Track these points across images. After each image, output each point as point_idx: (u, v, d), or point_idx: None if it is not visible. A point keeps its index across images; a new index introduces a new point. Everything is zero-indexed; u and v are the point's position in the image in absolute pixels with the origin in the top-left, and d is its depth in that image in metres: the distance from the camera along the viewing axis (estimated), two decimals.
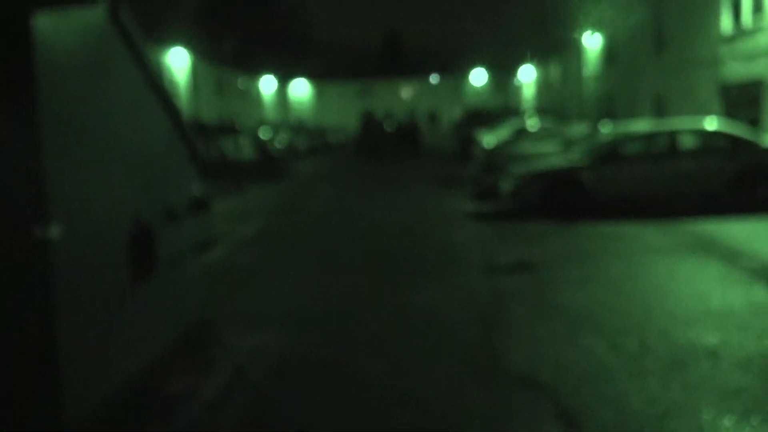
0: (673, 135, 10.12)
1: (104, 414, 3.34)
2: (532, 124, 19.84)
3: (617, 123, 16.24)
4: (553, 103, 37.25)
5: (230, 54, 39.87)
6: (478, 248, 7.85)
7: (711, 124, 10.47)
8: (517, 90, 49.43)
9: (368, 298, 5.80)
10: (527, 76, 46.37)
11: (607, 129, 14.35)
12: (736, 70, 14.85)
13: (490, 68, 52.67)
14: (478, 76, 54.44)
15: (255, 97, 42.97)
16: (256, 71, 42.12)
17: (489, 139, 18.56)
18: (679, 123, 10.87)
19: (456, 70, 55.07)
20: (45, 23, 2.94)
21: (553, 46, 37.70)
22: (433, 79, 56.50)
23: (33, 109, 2.89)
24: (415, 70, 58.38)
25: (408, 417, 3.37)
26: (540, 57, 42.23)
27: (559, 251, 7.44)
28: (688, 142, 10.10)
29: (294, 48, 47.98)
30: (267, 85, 44.23)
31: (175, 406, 3.56)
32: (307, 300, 5.78)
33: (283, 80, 48.09)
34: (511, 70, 48.88)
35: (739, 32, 14.76)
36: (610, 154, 10.24)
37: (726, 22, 15.44)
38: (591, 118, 23.54)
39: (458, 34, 56.81)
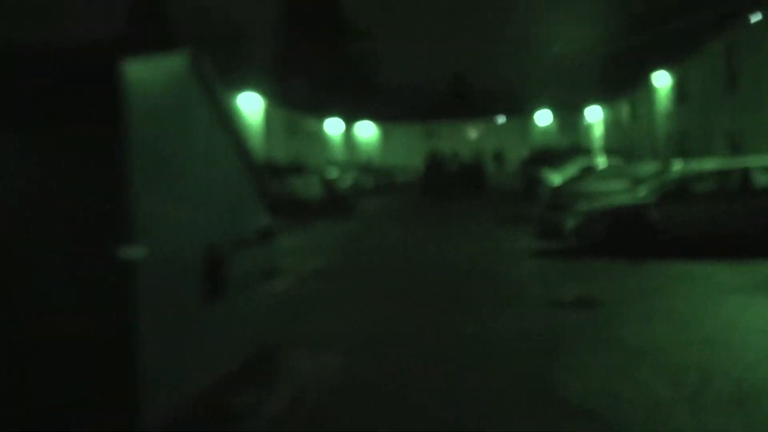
0: (745, 172, 9.75)
1: (176, 424, 3.59)
2: (599, 162, 19.52)
3: (690, 161, 15.76)
4: (622, 142, 36.43)
5: (300, 97, 41.61)
6: (540, 284, 7.80)
7: None
8: (585, 129, 48.72)
9: (429, 327, 5.90)
10: (594, 115, 45.70)
11: (677, 167, 13.96)
12: None
13: (556, 108, 52.34)
14: (544, 117, 54.13)
15: (323, 138, 44.39)
16: (325, 113, 43.64)
17: (555, 177, 18.38)
18: (752, 160, 10.46)
19: (521, 110, 55.01)
20: (134, 69, 3.35)
21: (621, 85, 37.13)
22: (499, 119, 56.54)
23: (123, 145, 3.27)
24: (481, 111, 58.66)
25: None
26: (607, 96, 41.64)
27: (623, 288, 7.29)
28: (761, 180, 9.70)
29: (361, 91, 49.56)
30: (334, 126, 45.66)
31: (240, 419, 3.78)
32: (370, 328, 5.94)
33: (350, 122, 49.51)
34: (578, 110, 48.38)
35: None
36: (678, 191, 9.97)
37: None
38: (662, 157, 22.88)
39: (523, 75, 56.92)
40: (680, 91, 26.20)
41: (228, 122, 4.43)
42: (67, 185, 3.32)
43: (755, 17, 17.30)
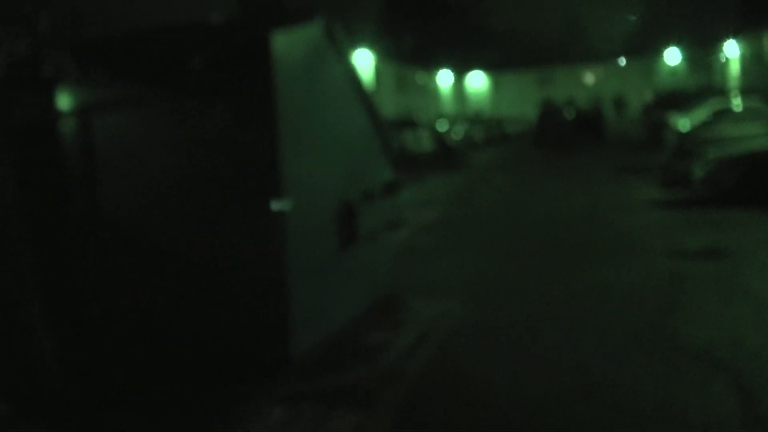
0: None
1: (318, 355, 4.13)
2: (735, 104, 17.93)
3: None
4: (765, 80, 32.84)
5: (409, 51, 41.51)
6: (663, 235, 7.61)
7: None
8: (720, 67, 44.29)
9: (543, 275, 6.08)
10: (732, 51, 41.32)
11: None
12: None
13: (686, 46, 47.89)
14: (672, 55, 49.84)
15: (433, 92, 44.19)
16: (434, 66, 43.27)
17: (683, 122, 17.23)
18: None
19: (646, 50, 50.97)
20: (280, 41, 3.77)
21: (764, 16, 33.18)
22: (620, 61, 52.89)
23: (272, 110, 3.73)
24: (599, 53, 55.13)
25: (576, 381, 3.67)
26: (747, 30, 37.42)
27: (753, 239, 6.94)
28: None
29: (471, 41, 48.35)
30: (444, 79, 45.20)
31: (373, 354, 4.26)
32: (486, 276, 6.23)
33: (460, 73, 48.71)
34: (711, 47, 43.95)
35: None
36: None
37: None
38: None
39: (648, 10, 52.38)
40: None
41: (358, 84, 4.79)
42: (226, 147, 3.86)
43: None
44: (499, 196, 12.79)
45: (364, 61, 31.15)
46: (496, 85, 55.24)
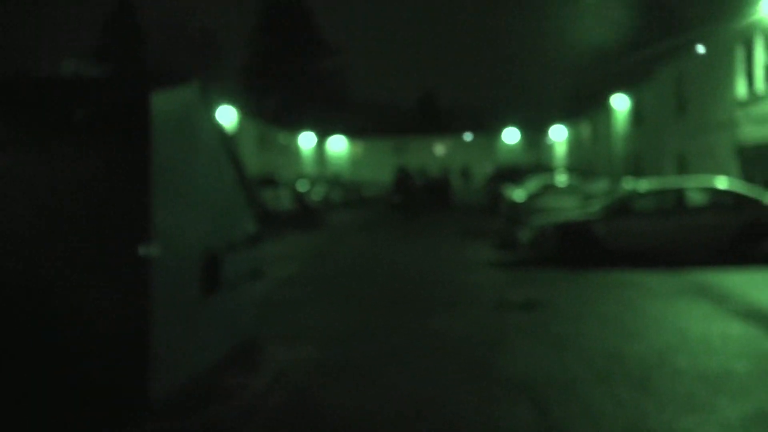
0: (681, 192, 10.90)
1: (179, 398, 4.31)
2: (559, 180, 20.70)
3: (642, 180, 16.99)
4: (584, 160, 38.05)
5: (273, 111, 42.29)
6: (492, 290, 8.70)
7: (716, 182, 11.22)
8: (549, 148, 50.51)
9: (391, 324, 6.72)
10: (558, 134, 47.49)
11: (629, 185, 15.14)
12: (751, 132, 15.56)
13: (522, 127, 54.08)
14: (511, 135, 55.83)
15: (295, 152, 45.03)
16: (297, 127, 44.35)
17: (515, 193, 19.47)
18: (688, 181, 11.64)
19: (489, 128, 56.61)
20: (158, 98, 4.13)
21: (584, 106, 38.90)
22: (467, 136, 58.03)
23: (146, 162, 4.03)
24: (449, 128, 60.15)
25: (411, 406, 4.25)
26: (571, 117, 43.45)
27: (564, 293, 8.24)
28: (696, 199, 10.85)
29: (333, 106, 50.47)
30: (306, 140, 46.38)
31: (231, 394, 4.52)
32: (339, 325, 6.73)
33: (322, 136, 50.30)
34: (543, 129, 50.16)
35: (753, 97, 15.56)
36: (622, 208, 11.05)
37: (741, 88, 16.28)
38: (618, 176, 24.28)
39: (492, 94, 58.69)
40: (636, 114, 27.80)
41: (226, 142, 5.21)
42: (101, 194, 4.05)
43: (700, 50, 18.80)
44: (355, 254, 13.52)
45: (227, 118, 31.23)
46: (356, 150, 57.64)
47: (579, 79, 48.02)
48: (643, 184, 12.31)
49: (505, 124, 55.11)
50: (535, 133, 52.54)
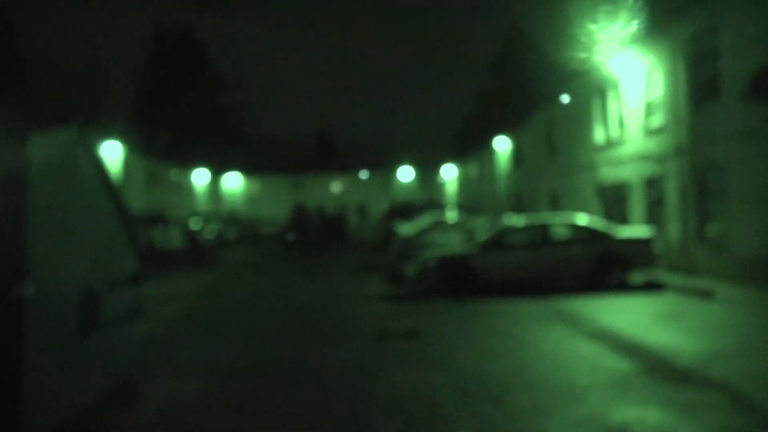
0: (545, 228, 12.06)
1: None
2: (448, 216, 21.82)
3: (518, 216, 18.39)
4: (472, 198, 40.22)
5: (164, 147, 41.08)
6: (377, 321, 9.14)
7: (576, 218, 12.52)
8: (441, 186, 52.86)
9: (277, 357, 6.93)
10: (449, 173, 49.93)
11: (504, 222, 16.36)
12: (608, 173, 17.48)
13: (416, 165, 56.22)
14: (405, 173, 57.74)
15: (187, 189, 43.81)
16: (190, 164, 43.28)
17: (405, 229, 20.28)
18: (553, 217, 12.90)
19: (385, 166, 58.27)
20: (36, 140, 4.22)
21: (472, 146, 41.36)
22: (363, 174, 59.28)
23: (24, 202, 4.09)
24: (346, 165, 61.25)
25: (294, 429, 4.51)
26: (460, 156, 45.96)
27: (443, 322, 8.85)
28: (558, 234, 12.04)
29: (229, 142, 49.79)
30: (200, 177, 45.32)
31: (109, 430, 4.55)
32: (225, 360, 6.83)
33: (217, 173, 49.36)
34: (435, 168, 52.52)
35: (609, 143, 17.54)
36: (495, 242, 12.01)
37: (599, 134, 18.30)
38: (502, 212, 25.99)
39: (387, 133, 60.73)
40: (517, 155, 30.02)
41: (107, 181, 5.30)
42: None
43: (564, 99, 20.89)
44: (246, 292, 13.51)
45: (112, 154, 30.00)
46: (252, 187, 56.99)
47: (466, 121, 51.13)
48: (516, 220, 13.45)
49: (400, 163, 57.03)
50: (428, 171, 54.83)
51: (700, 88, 12.78)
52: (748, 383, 5.24)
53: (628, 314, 8.84)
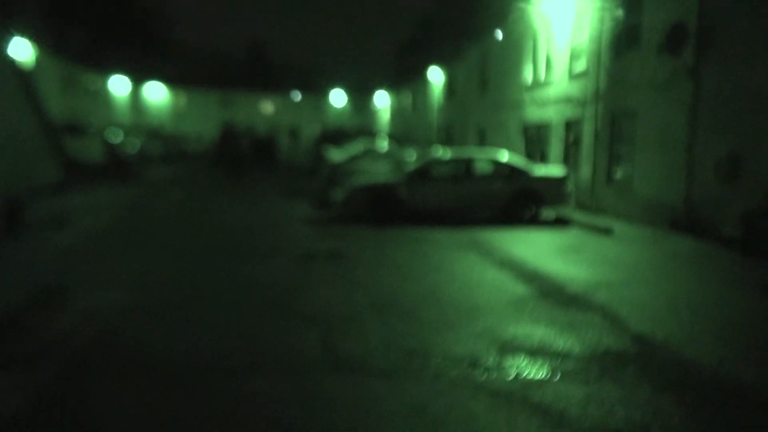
0: (469, 162, 12.60)
1: None
2: (379, 145, 22.05)
3: (449, 149, 18.89)
4: (405, 128, 40.46)
5: (79, 49, 38.21)
6: (303, 242, 9.49)
7: (498, 155, 13.14)
8: (374, 114, 52.62)
9: (204, 272, 7.17)
10: (382, 101, 49.67)
11: (436, 154, 16.84)
12: (533, 113, 18.17)
13: (349, 90, 55.36)
14: (338, 97, 56.84)
15: (105, 98, 41.39)
16: (108, 70, 40.66)
17: (335, 155, 20.42)
18: (475, 153, 13.46)
19: (318, 88, 56.97)
20: None
21: (406, 76, 41.17)
22: (295, 96, 57.88)
23: None
24: (278, 85, 59.36)
25: (220, 341, 4.85)
26: (394, 84, 45.68)
27: (366, 246, 9.32)
28: (480, 169, 12.62)
29: (151, 48, 46.86)
30: (119, 85, 42.79)
31: (35, 332, 4.71)
32: (151, 273, 7.01)
33: (138, 81, 46.68)
34: (369, 94, 52.00)
35: (536, 83, 18.13)
36: (421, 173, 12.46)
37: (527, 74, 18.83)
38: (431, 144, 26.49)
39: (323, 53, 58.93)
40: (450, 87, 30.30)
41: (29, 90, 5.18)
42: None
43: (498, 36, 21.15)
44: (172, 209, 13.42)
45: (22, 53, 27.77)
46: (177, 100, 54.49)
47: (402, 48, 50.49)
48: (442, 153, 13.92)
49: (333, 86, 55.92)
50: (361, 97, 54.15)
51: (622, 36, 13.39)
52: (625, 308, 6.03)
53: (535, 246, 9.63)
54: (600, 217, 13.29)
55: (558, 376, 4.24)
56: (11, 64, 4.79)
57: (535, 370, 4.34)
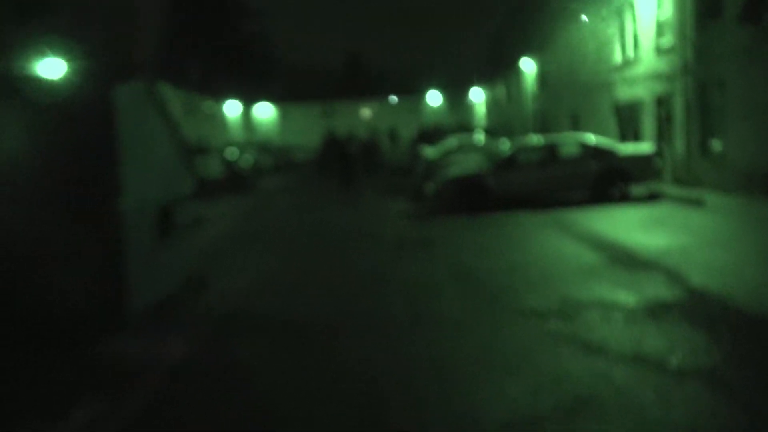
0: (553, 147, 13.06)
1: (153, 311, 5.86)
2: (473, 139, 22.74)
3: (545, 137, 19.22)
4: (501, 120, 40.58)
5: (196, 80, 42.18)
6: (398, 232, 10.56)
7: (584, 138, 13.44)
8: (470, 109, 52.95)
9: (316, 260, 8.47)
10: (477, 96, 49.94)
11: (524, 142, 17.31)
12: (624, 92, 18.03)
13: (445, 89, 56.08)
14: (434, 97, 57.75)
15: (221, 120, 45.28)
16: (222, 95, 44.49)
17: (429, 152, 21.39)
18: (562, 137, 13.84)
19: (414, 90, 58.23)
20: (120, 92, 5.55)
21: (499, 69, 41.27)
22: (392, 100, 59.53)
23: (117, 137, 5.47)
24: (375, 91, 61.37)
25: (330, 308, 6.02)
26: (488, 79, 45.84)
27: (454, 232, 10.22)
28: (566, 152, 13.03)
29: (258, 72, 50.50)
30: (232, 108, 46.64)
31: (183, 308, 6.13)
32: (272, 264, 8.39)
33: (248, 103, 50.53)
34: (464, 91, 52.43)
35: (625, 62, 17.98)
36: (508, 162, 13.11)
37: (616, 54, 18.70)
38: (527, 133, 26.69)
39: (416, 56, 60.20)
40: (542, 76, 30.24)
41: (169, 120, 6.66)
42: (80, 164, 5.48)
43: (584, 19, 21.09)
44: (286, 213, 15.07)
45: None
46: (283, 116, 58.11)
47: (493, 42, 50.43)
48: (528, 141, 14.44)
49: (428, 87, 56.95)
50: (456, 95, 54.68)
51: (704, 8, 13.20)
52: (691, 268, 6.46)
53: (618, 221, 10.01)
54: (695, 190, 13.18)
55: (607, 322, 4.93)
56: (156, 99, 6.22)
57: (590, 318, 5.05)
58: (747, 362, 4.01)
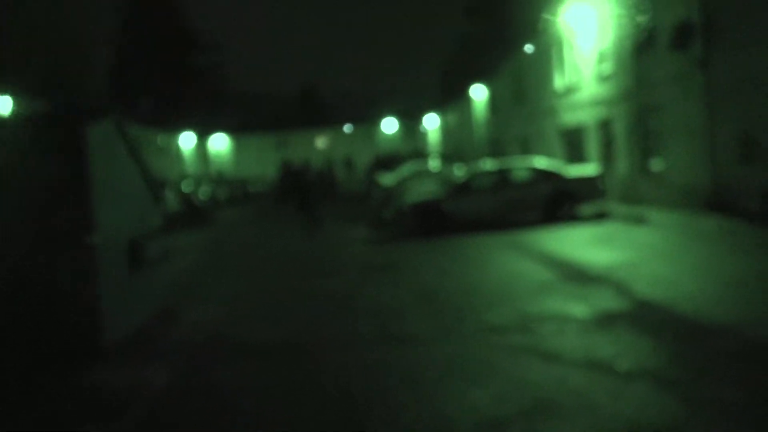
0: (506, 171, 13.67)
1: (125, 342, 5.94)
2: (429, 165, 23.33)
3: (492, 162, 19.92)
4: (454, 146, 41.62)
5: (148, 113, 41.79)
6: (359, 258, 10.83)
7: (533, 162, 14.12)
8: (424, 136, 54.09)
9: (281, 287, 8.62)
10: (431, 123, 51.12)
11: (476, 168, 17.93)
12: (569, 117, 19.00)
13: (399, 116, 57.14)
14: (389, 124, 58.70)
15: (175, 153, 44.82)
16: (176, 128, 44.12)
17: (386, 179, 21.85)
18: (513, 162, 14.49)
19: (368, 119, 59.09)
20: (91, 131, 5.70)
21: (452, 96, 42.50)
22: (347, 128, 60.18)
23: (88, 174, 5.61)
24: (331, 120, 61.99)
25: (299, 334, 6.21)
26: (442, 106, 47.08)
27: (413, 256, 10.57)
28: (517, 176, 13.65)
29: (212, 103, 50.33)
30: (187, 140, 46.26)
31: (157, 338, 6.21)
32: (240, 292, 8.52)
33: (203, 135, 50.22)
34: (418, 118, 53.59)
35: (568, 89, 19.00)
36: (463, 187, 13.63)
37: (559, 81, 19.72)
38: (480, 159, 27.51)
39: (370, 85, 61.27)
40: (492, 102, 31.35)
41: (137, 156, 6.81)
42: (54, 200, 5.59)
43: (528, 49, 22.16)
44: (246, 244, 15.14)
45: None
46: (238, 147, 57.89)
47: (446, 69, 51.97)
48: (482, 166, 15.03)
49: (383, 115, 57.89)
50: (411, 122, 55.77)
51: (641, 38, 14.20)
52: (637, 281, 6.97)
53: (568, 240, 10.57)
54: (638, 207, 13.97)
55: (562, 332, 5.32)
56: (125, 136, 6.38)
57: (546, 330, 5.43)
58: (688, 362, 4.44)
